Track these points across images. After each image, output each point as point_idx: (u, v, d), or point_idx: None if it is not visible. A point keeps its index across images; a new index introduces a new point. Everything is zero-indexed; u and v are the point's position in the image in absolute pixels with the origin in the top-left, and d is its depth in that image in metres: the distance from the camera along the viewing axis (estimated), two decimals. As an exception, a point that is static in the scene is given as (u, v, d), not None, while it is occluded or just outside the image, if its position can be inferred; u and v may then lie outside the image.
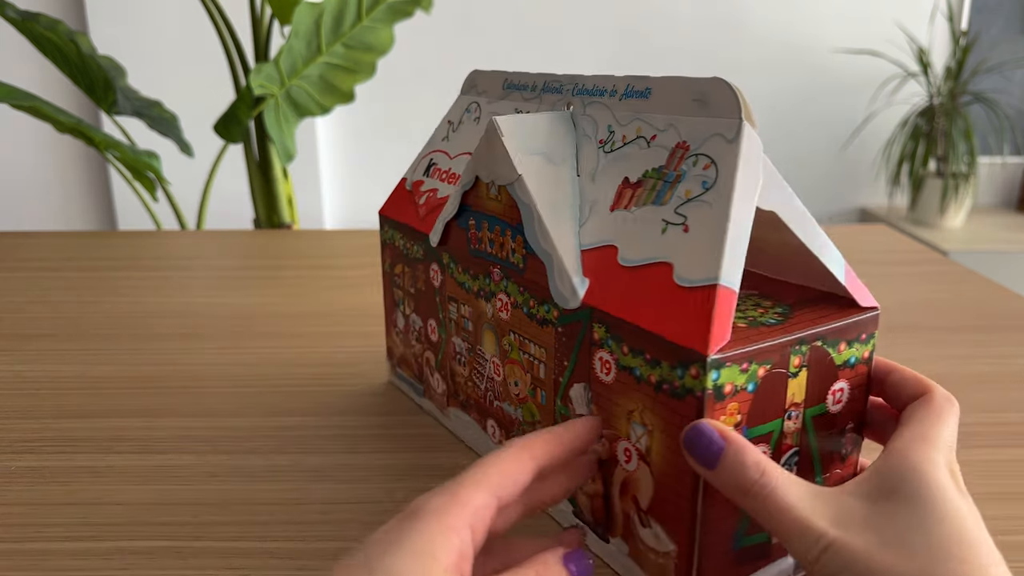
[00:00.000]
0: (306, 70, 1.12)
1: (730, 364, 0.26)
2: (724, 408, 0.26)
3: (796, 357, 0.27)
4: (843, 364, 0.29)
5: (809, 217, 0.29)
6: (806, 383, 0.28)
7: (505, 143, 0.33)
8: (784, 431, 0.28)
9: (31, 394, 0.49)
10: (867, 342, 0.30)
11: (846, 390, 0.30)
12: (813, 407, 0.29)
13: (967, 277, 0.73)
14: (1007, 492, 0.38)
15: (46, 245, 0.85)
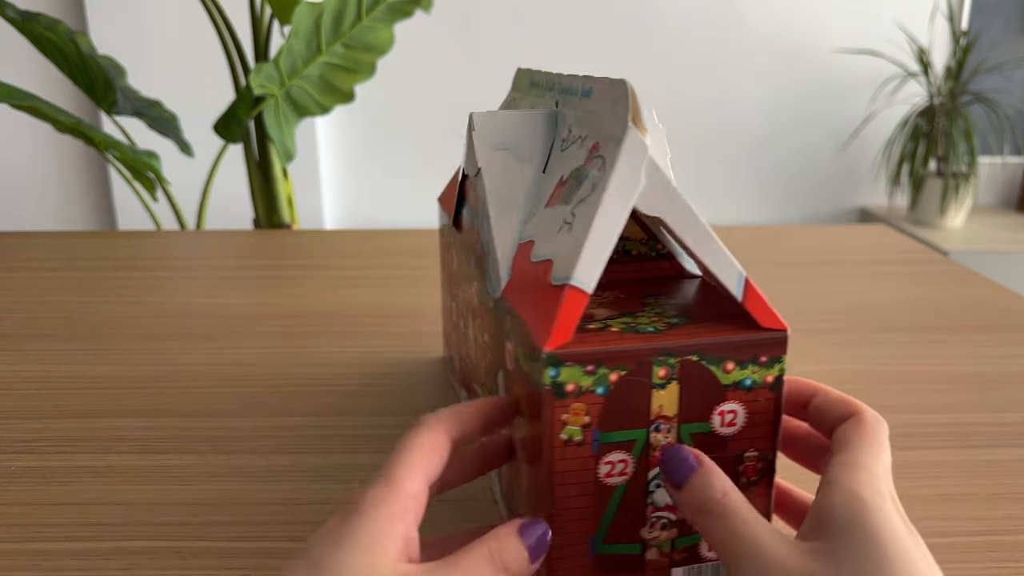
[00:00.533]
0: (306, 70, 1.12)
1: (571, 364, 0.26)
2: (567, 407, 0.26)
3: (661, 368, 0.27)
4: (733, 385, 0.28)
5: (704, 227, 0.28)
6: (679, 397, 0.27)
7: (474, 137, 0.34)
8: (651, 443, 0.28)
9: (31, 394, 0.49)
10: (769, 366, 0.28)
11: (740, 414, 0.28)
12: (692, 424, 0.28)
13: (967, 277, 0.73)
14: (1007, 492, 0.38)
15: (46, 245, 0.85)
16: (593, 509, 0.28)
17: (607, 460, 0.28)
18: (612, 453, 0.28)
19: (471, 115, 0.34)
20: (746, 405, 0.28)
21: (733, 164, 2.03)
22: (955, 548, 0.33)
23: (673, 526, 0.28)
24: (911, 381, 0.50)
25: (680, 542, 0.29)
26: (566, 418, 0.27)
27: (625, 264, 0.35)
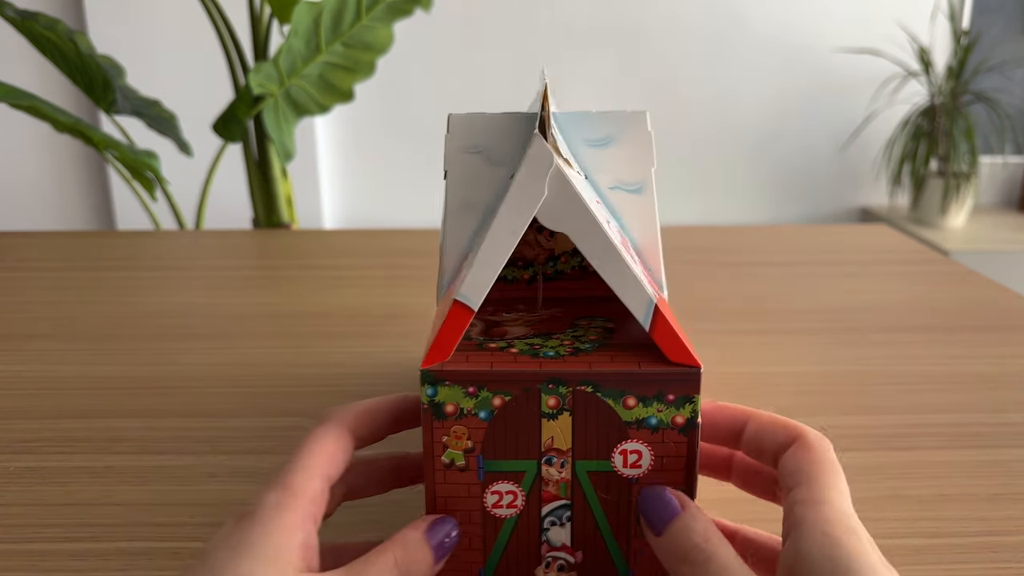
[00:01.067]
0: (305, 69, 1.12)
1: (450, 384, 0.25)
2: (447, 428, 0.25)
3: (551, 397, 0.25)
4: (635, 423, 0.25)
5: (612, 247, 0.25)
6: (572, 430, 0.26)
7: (446, 138, 0.32)
8: (544, 476, 0.26)
9: (30, 394, 0.48)
10: (678, 405, 0.25)
11: (645, 455, 0.26)
12: (589, 461, 0.26)
13: (968, 277, 0.73)
14: (1008, 492, 0.38)
15: (45, 245, 0.85)
16: (480, 540, 0.27)
17: (494, 490, 0.26)
18: (499, 483, 0.26)
19: (448, 115, 0.34)
20: (652, 447, 0.26)
21: (733, 163, 2.03)
22: (955, 548, 0.33)
23: (572, 569, 0.27)
24: (911, 381, 0.50)
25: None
26: (446, 440, 0.26)
27: (583, 281, 0.33)
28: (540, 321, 0.30)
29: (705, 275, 0.73)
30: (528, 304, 0.32)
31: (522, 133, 0.33)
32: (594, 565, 0.27)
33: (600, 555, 0.26)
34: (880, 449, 0.41)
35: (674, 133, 2.00)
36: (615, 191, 0.31)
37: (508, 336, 0.28)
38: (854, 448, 0.41)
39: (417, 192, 2.01)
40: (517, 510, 0.26)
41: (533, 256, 0.33)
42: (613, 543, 0.27)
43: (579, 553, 0.27)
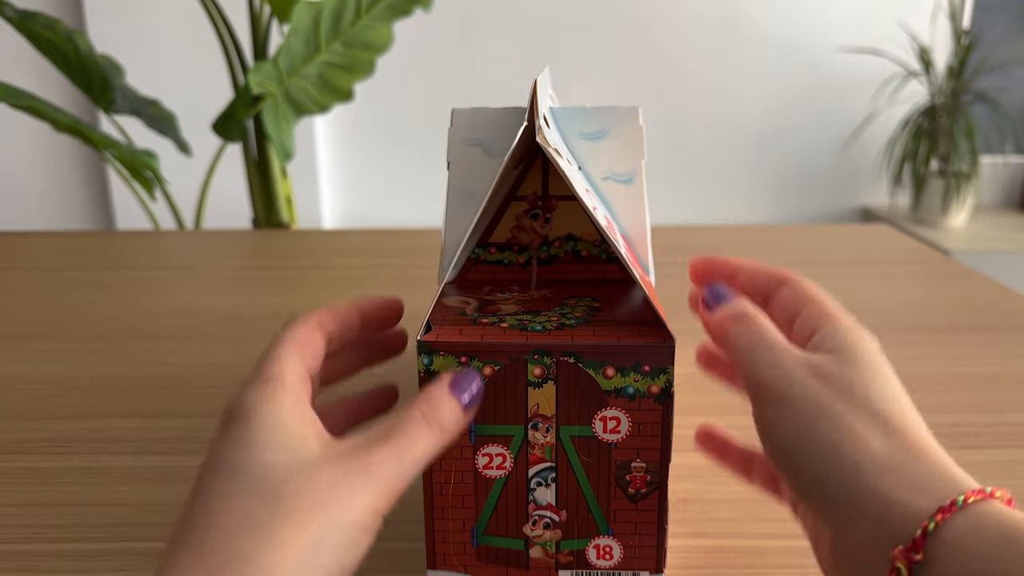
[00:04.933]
0: (305, 69, 1.12)
1: (444, 354, 0.27)
2: None
3: (537, 367, 0.27)
4: (615, 392, 0.27)
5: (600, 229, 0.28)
6: (556, 398, 0.27)
7: (449, 131, 0.34)
8: (531, 440, 0.28)
9: (29, 394, 0.48)
10: (653, 375, 0.27)
11: (623, 422, 0.27)
12: (572, 427, 0.28)
13: (969, 277, 0.72)
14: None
15: (44, 245, 0.85)
16: (473, 499, 0.29)
17: (484, 452, 0.28)
18: (489, 446, 0.28)
19: (452, 110, 0.35)
20: (630, 414, 0.27)
21: (734, 163, 2.03)
22: (957, 550, 0.33)
23: (557, 527, 0.29)
24: (911, 381, 0.50)
25: (565, 544, 0.29)
26: None
27: (572, 265, 0.35)
28: (531, 300, 0.32)
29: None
30: (523, 286, 0.34)
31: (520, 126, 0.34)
32: (577, 523, 0.29)
33: (583, 514, 0.28)
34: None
35: (675, 133, 2.00)
36: (607, 181, 0.33)
37: (500, 313, 0.30)
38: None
39: (416, 192, 2.01)
40: (506, 471, 0.28)
41: (528, 241, 0.35)
42: (595, 503, 0.28)
43: (563, 512, 0.28)
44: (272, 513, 0.21)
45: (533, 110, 0.29)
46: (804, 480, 0.23)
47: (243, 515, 0.21)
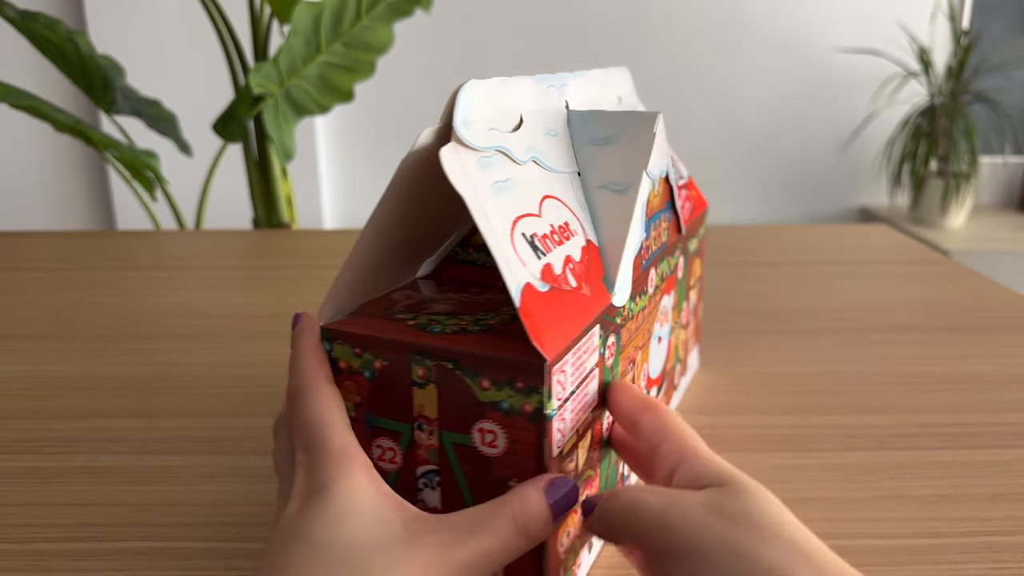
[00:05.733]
0: (305, 69, 1.12)
1: (341, 342, 0.28)
2: (343, 383, 0.28)
3: (420, 368, 0.27)
4: (491, 405, 0.26)
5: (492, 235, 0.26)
6: (438, 402, 0.27)
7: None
8: (416, 440, 0.28)
9: (29, 394, 0.48)
10: (526, 393, 0.25)
11: (501, 437, 0.26)
12: (453, 433, 0.27)
13: (968, 277, 0.73)
14: (1008, 493, 0.38)
15: (44, 245, 0.85)
16: None
17: (377, 444, 0.28)
18: (381, 439, 0.28)
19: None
20: (506, 430, 0.26)
21: (734, 163, 2.03)
22: (955, 548, 0.33)
23: None
24: (911, 381, 0.50)
25: None
26: (343, 392, 0.28)
27: None
28: (468, 303, 0.31)
29: (705, 275, 0.73)
30: (485, 288, 0.33)
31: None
32: None
33: None
34: (880, 449, 0.41)
35: (675, 133, 2.00)
36: (601, 190, 0.33)
37: (424, 311, 0.30)
38: (854, 448, 0.41)
39: (417, 192, 2.00)
40: (397, 466, 0.28)
41: None
42: None
43: None
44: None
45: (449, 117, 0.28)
46: None
47: None
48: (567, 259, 0.29)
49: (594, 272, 0.30)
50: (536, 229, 0.29)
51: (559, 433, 0.26)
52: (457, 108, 0.28)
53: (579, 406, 0.28)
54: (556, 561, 0.27)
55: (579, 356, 0.27)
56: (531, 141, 0.31)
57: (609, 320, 0.30)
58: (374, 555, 0.21)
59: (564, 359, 0.26)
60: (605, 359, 0.30)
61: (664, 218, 0.37)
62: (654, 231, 0.36)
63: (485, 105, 0.29)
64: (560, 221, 0.30)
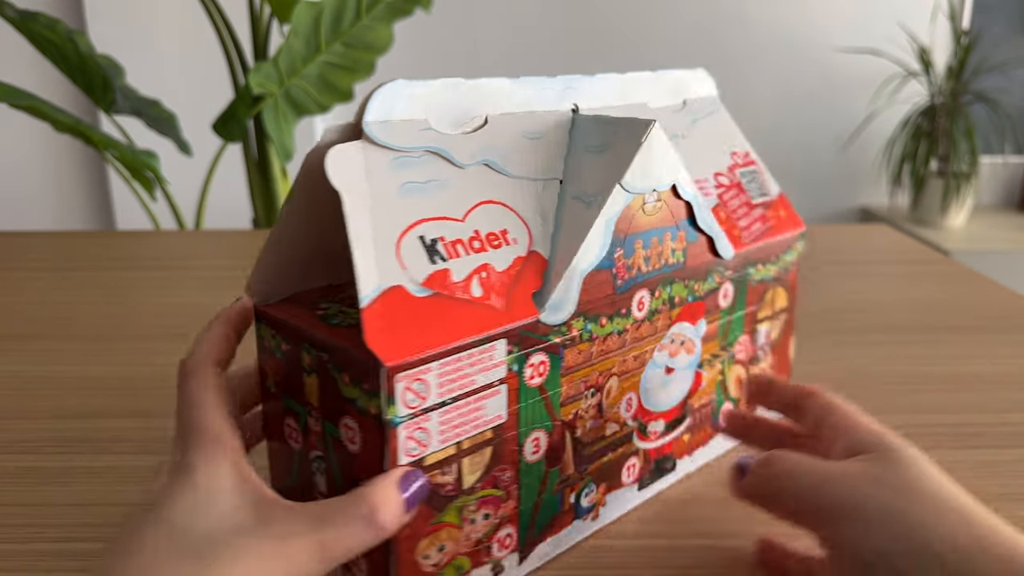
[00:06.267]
0: (305, 69, 1.12)
1: (263, 323, 0.30)
2: (264, 361, 0.31)
3: (307, 356, 0.27)
4: (351, 401, 0.26)
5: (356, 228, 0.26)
6: (318, 391, 0.27)
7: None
8: (308, 424, 0.28)
9: (30, 394, 0.48)
10: (370, 396, 0.25)
11: (357, 435, 0.26)
12: (329, 424, 0.27)
13: (968, 277, 0.72)
14: (1009, 493, 0.38)
15: (44, 245, 0.85)
16: (284, 459, 0.31)
17: (287, 422, 0.30)
18: (289, 418, 0.30)
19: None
20: (361, 429, 0.26)
21: (733, 163, 2.03)
22: (956, 549, 0.33)
23: None
24: (911, 381, 0.50)
25: None
26: (264, 368, 0.31)
27: None
28: None
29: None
30: None
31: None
32: None
33: None
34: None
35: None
36: (574, 200, 0.31)
37: (348, 302, 0.30)
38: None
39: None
40: (300, 446, 0.30)
41: None
42: None
43: None
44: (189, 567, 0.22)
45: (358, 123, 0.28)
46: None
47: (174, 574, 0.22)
48: (481, 268, 0.28)
49: (524, 285, 0.29)
50: (446, 233, 0.28)
51: (413, 442, 0.26)
52: (370, 107, 0.27)
53: (462, 420, 0.27)
54: (409, 564, 0.27)
55: (458, 367, 0.27)
56: (491, 143, 0.31)
57: (531, 336, 0.29)
58: (225, 543, 0.23)
59: (425, 367, 0.25)
60: (524, 377, 0.29)
61: (670, 236, 0.34)
62: (644, 250, 0.33)
63: (426, 105, 0.29)
64: (495, 228, 0.29)
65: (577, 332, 0.31)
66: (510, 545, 0.31)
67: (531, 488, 0.31)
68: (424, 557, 0.28)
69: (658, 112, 0.40)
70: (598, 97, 0.36)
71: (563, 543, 0.34)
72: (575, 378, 0.31)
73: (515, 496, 0.30)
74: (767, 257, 0.40)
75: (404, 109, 0.28)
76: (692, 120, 0.41)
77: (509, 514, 0.30)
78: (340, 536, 0.24)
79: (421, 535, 0.27)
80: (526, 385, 0.29)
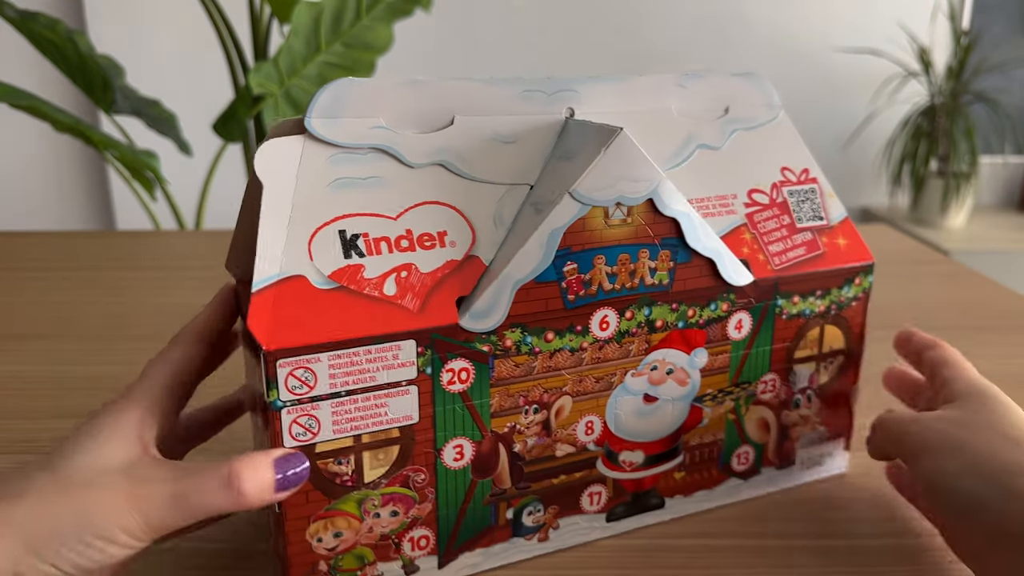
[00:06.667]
0: (305, 69, 1.12)
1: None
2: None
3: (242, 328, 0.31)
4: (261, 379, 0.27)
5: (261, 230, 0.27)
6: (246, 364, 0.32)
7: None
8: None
9: (30, 394, 0.48)
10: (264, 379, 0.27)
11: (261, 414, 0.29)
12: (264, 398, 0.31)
13: (969, 277, 0.73)
14: (1009, 493, 0.38)
15: (45, 245, 0.85)
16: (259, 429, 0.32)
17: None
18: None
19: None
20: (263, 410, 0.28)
21: (733, 163, 2.03)
22: (957, 549, 0.33)
23: None
24: (912, 381, 0.50)
25: None
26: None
27: None
28: None
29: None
30: None
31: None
32: None
33: None
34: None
35: (674, 133, 2.00)
36: (530, 207, 0.31)
37: None
38: (854, 448, 0.41)
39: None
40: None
41: None
42: None
43: None
44: (52, 488, 0.24)
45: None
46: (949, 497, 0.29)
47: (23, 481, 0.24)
48: (403, 267, 0.28)
49: (450, 289, 0.29)
50: (372, 230, 0.28)
51: (299, 427, 0.27)
52: (315, 104, 0.28)
53: (361, 414, 0.28)
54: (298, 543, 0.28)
55: (353, 361, 0.27)
56: (450, 145, 0.30)
57: (448, 341, 0.29)
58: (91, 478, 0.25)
59: (312, 356, 0.26)
60: (442, 381, 0.29)
61: (647, 255, 0.31)
62: (609, 266, 0.31)
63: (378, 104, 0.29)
64: (432, 229, 0.29)
65: (512, 343, 0.30)
66: (426, 547, 0.31)
67: (453, 495, 0.31)
68: (317, 539, 0.29)
69: (681, 119, 0.36)
70: (599, 101, 0.34)
71: (498, 558, 0.33)
72: (512, 391, 0.31)
73: (431, 500, 0.30)
74: (808, 289, 0.35)
75: (355, 107, 0.29)
76: (731, 130, 0.36)
77: (424, 516, 0.30)
78: (196, 491, 0.25)
79: (313, 517, 0.28)
80: (443, 390, 0.29)
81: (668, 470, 0.35)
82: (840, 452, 0.40)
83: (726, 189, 0.35)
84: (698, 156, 0.35)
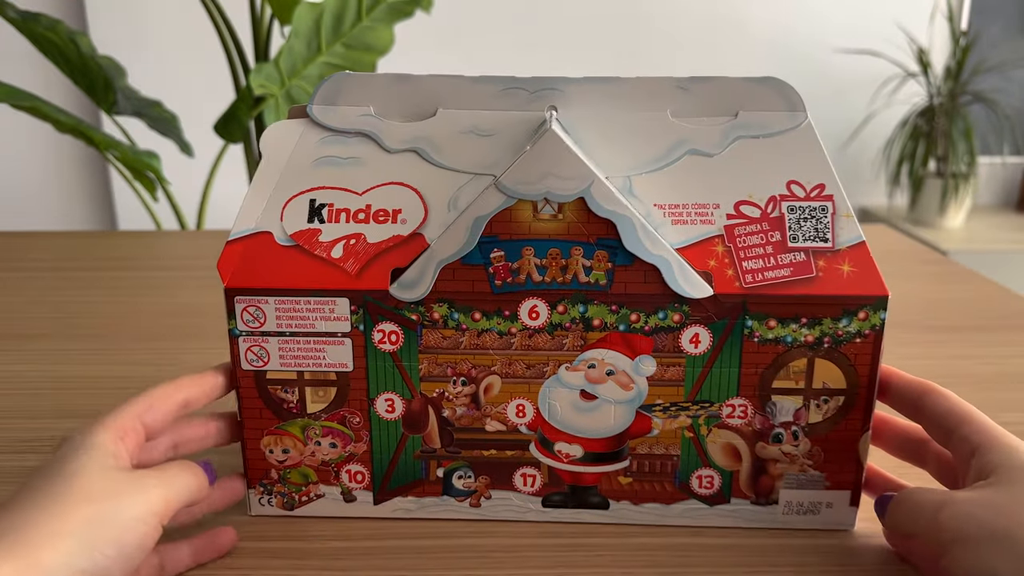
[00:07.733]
0: (306, 70, 1.12)
1: None
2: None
3: None
4: None
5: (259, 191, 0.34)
6: None
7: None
8: None
9: (31, 394, 0.49)
10: None
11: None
12: None
13: (967, 277, 0.73)
14: (1007, 492, 0.38)
15: (46, 245, 0.85)
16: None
17: None
18: None
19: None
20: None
21: (733, 164, 2.03)
22: (954, 547, 0.33)
23: None
24: (911, 381, 0.50)
25: None
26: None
27: None
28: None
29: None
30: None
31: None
32: None
33: None
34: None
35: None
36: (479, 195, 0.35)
37: None
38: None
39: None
40: None
41: None
42: None
43: None
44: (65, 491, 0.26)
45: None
46: None
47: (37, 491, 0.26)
48: (353, 236, 0.33)
49: (390, 260, 0.33)
50: (337, 202, 0.33)
51: (252, 355, 0.34)
52: (317, 94, 0.33)
53: (303, 353, 0.33)
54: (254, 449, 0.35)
55: (295, 307, 0.32)
56: (428, 134, 0.34)
57: (378, 304, 0.33)
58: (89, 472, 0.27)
59: (261, 298, 0.32)
60: (373, 339, 0.33)
61: (581, 252, 0.32)
62: (538, 259, 0.32)
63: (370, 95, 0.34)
64: (388, 207, 0.33)
65: (439, 316, 0.33)
66: (362, 482, 0.35)
67: (387, 442, 0.35)
68: (269, 451, 0.35)
69: (674, 123, 0.34)
70: (584, 101, 0.35)
71: (430, 511, 0.36)
72: (440, 360, 0.34)
73: (365, 441, 0.35)
74: (789, 314, 0.32)
75: (351, 97, 0.34)
76: (734, 137, 0.34)
77: (360, 455, 0.35)
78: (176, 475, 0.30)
79: (266, 431, 0.35)
80: (375, 347, 0.33)
81: (612, 472, 0.35)
82: (844, 506, 0.35)
83: (708, 198, 0.33)
84: (685, 161, 0.34)
